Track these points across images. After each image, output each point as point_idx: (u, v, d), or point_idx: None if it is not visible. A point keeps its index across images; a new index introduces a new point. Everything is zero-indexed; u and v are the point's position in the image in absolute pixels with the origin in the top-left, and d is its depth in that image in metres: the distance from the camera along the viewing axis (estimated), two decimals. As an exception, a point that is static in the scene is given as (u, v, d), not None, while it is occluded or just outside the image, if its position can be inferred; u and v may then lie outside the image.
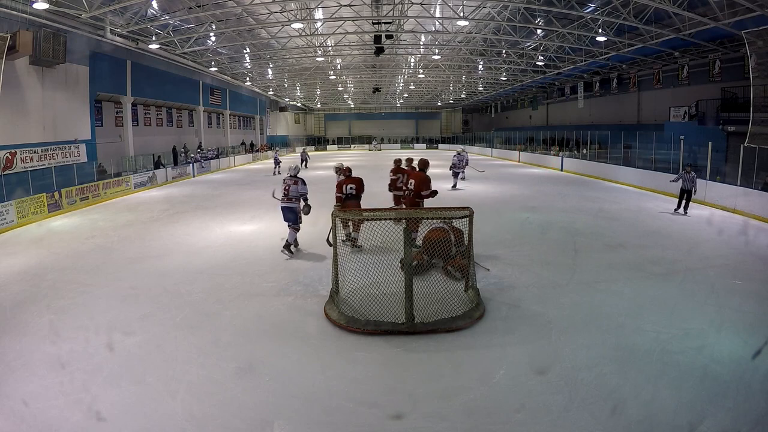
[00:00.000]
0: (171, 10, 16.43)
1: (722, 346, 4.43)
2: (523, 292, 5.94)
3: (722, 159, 13.62)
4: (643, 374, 3.95)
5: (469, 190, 15.66)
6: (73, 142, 16.17)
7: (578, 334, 4.74)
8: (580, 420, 3.35)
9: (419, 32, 20.31)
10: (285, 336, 4.85)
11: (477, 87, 36.96)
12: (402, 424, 3.41)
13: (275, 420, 3.46)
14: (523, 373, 4.01)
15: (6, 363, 4.28)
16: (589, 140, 23.06)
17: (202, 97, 28.19)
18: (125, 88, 20.03)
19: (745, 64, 15.63)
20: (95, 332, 4.86)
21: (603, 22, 16.71)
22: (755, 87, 14.01)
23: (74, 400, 3.69)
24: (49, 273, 7.13)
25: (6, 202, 10.90)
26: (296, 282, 6.46)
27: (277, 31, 19.80)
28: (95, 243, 9.22)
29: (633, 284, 6.19)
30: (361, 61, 28.60)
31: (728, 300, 5.56)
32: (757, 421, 3.34)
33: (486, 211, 10.68)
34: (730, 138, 15.53)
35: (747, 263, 7.14)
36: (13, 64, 13.24)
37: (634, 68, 24.49)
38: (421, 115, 53.51)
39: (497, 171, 23.33)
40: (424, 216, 5.91)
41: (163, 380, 3.98)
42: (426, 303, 5.02)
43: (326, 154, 45.28)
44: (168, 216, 11.99)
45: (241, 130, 36.56)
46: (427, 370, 4.13)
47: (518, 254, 7.74)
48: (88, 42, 15.99)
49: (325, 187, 11.15)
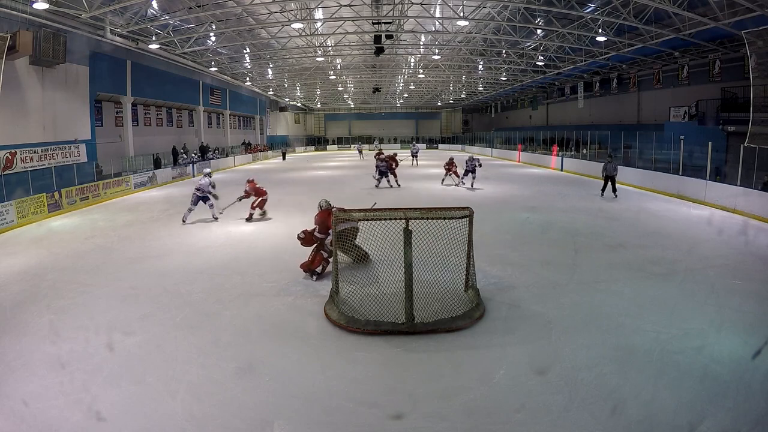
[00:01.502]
0: (171, 10, 16.44)
1: (722, 346, 4.43)
2: (523, 292, 5.94)
3: (722, 159, 13.62)
4: (643, 374, 3.95)
5: (469, 191, 15.67)
6: (73, 142, 16.17)
7: (578, 334, 4.74)
8: (580, 420, 3.35)
9: (419, 32, 20.31)
10: (285, 336, 4.85)
11: (477, 87, 36.96)
12: (402, 424, 3.41)
13: (275, 420, 3.46)
14: (523, 373, 4.01)
15: (6, 363, 4.28)
16: (589, 140, 23.05)
17: (202, 97, 28.19)
18: (125, 88, 20.04)
19: (745, 64, 15.62)
20: (95, 332, 4.86)
21: (603, 22, 16.71)
22: (755, 87, 14.00)
23: (74, 400, 3.69)
24: (49, 273, 7.13)
25: (6, 202, 10.90)
26: (296, 282, 6.46)
27: (277, 31, 19.80)
28: (95, 243, 9.22)
29: (633, 284, 6.19)
30: (361, 61, 28.61)
31: (728, 300, 5.56)
32: (757, 421, 3.34)
33: (486, 211, 10.68)
34: (730, 138, 15.53)
35: (747, 263, 7.14)
36: (13, 64, 13.25)
37: (634, 68, 24.48)
38: (421, 115, 53.50)
39: (497, 171, 23.31)
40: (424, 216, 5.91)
41: (163, 380, 3.98)
42: (426, 303, 5.02)
43: (326, 154, 45.29)
44: (168, 216, 11.99)
45: (241, 130, 36.57)
46: (427, 370, 4.13)
47: (518, 254, 7.74)
48: (88, 42, 15.99)
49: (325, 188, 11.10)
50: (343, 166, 28.48)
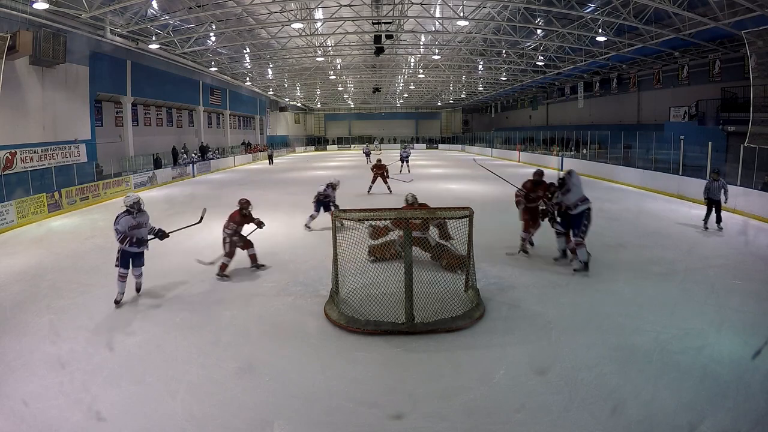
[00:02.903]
0: (171, 10, 16.43)
1: (722, 346, 4.43)
2: (523, 292, 5.94)
3: (722, 159, 13.61)
4: (643, 374, 3.94)
5: (469, 190, 15.65)
6: (73, 142, 16.17)
7: (578, 334, 4.74)
8: (580, 420, 3.35)
9: (419, 32, 20.31)
10: (285, 336, 4.85)
11: (477, 87, 36.96)
12: (402, 424, 3.41)
13: (275, 420, 3.46)
14: (523, 373, 4.01)
15: (6, 363, 4.28)
16: (589, 140, 23.05)
17: (202, 97, 28.19)
18: (125, 88, 20.04)
19: (745, 64, 15.63)
20: (95, 332, 4.86)
21: (603, 22, 16.71)
22: (755, 87, 14.01)
23: (74, 400, 3.69)
24: (49, 273, 7.13)
25: (6, 202, 10.90)
26: (296, 282, 6.46)
27: (277, 31, 19.80)
28: (95, 243, 9.21)
29: (633, 284, 6.18)
30: (361, 61, 28.60)
31: (728, 300, 5.56)
32: (757, 421, 3.34)
33: (486, 211, 10.67)
34: (730, 138, 15.53)
35: (747, 263, 7.14)
36: (13, 64, 13.24)
37: (634, 68, 24.48)
38: (421, 115, 53.50)
39: (498, 171, 23.27)
40: (424, 216, 5.91)
41: (163, 380, 3.98)
42: (426, 303, 5.02)
43: (326, 154, 45.29)
44: (168, 216, 11.96)
45: (241, 130, 36.56)
46: (427, 370, 4.13)
47: (518, 254, 7.74)
48: (88, 42, 15.99)
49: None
50: (344, 166, 28.46)
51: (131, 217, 5.73)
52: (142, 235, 5.79)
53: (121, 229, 5.61)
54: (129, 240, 5.62)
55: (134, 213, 5.74)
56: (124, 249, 5.65)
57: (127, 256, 5.69)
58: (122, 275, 5.68)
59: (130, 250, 5.68)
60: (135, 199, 5.79)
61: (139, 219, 5.79)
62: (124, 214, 5.72)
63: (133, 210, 5.74)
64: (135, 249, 5.73)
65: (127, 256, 5.69)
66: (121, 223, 5.64)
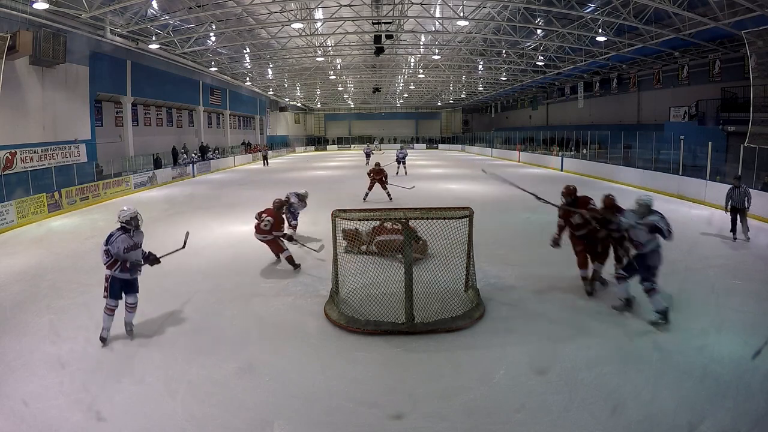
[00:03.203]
0: (171, 10, 16.43)
1: (722, 346, 4.43)
2: (523, 292, 5.94)
3: (722, 159, 13.61)
4: (643, 374, 3.95)
5: (469, 190, 15.66)
6: (73, 142, 16.16)
7: (578, 334, 4.74)
8: (580, 420, 3.35)
9: (419, 32, 20.31)
10: (285, 336, 4.85)
11: (477, 87, 36.95)
12: (402, 424, 3.41)
13: (275, 420, 3.46)
14: (523, 373, 4.01)
15: (6, 363, 4.28)
16: (589, 140, 23.06)
17: (202, 97, 28.19)
18: (125, 88, 20.03)
19: (745, 64, 15.62)
20: (95, 332, 4.85)
21: (603, 22, 16.70)
22: (755, 87, 14.01)
23: (74, 400, 3.69)
24: (49, 273, 7.13)
25: (6, 202, 10.90)
26: (296, 282, 6.46)
27: (277, 31, 19.80)
28: (95, 243, 9.17)
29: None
30: (361, 61, 28.60)
31: (728, 300, 5.56)
32: (757, 421, 3.34)
33: (486, 211, 10.67)
34: (730, 138, 15.53)
35: (747, 263, 7.14)
36: (13, 64, 13.24)
37: (634, 68, 24.48)
38: (421, 115, 53.49)
39: (497, 171, 23.27)
40: (424, 216, 5.90)
41: (163, 380, 3.98)
42: (426, 303, 5.02)
43: (326, 154, 45.29)
44: (168, 216, 11.98)
45: (241, 130, 36.55)
46: (427, 370, 4.13)
47: (518, 254, 7.74)
48: (88, 42, 15.99)
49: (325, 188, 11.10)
50: (344, 166, 28.47)
51: (128, 236, 4.68)
52: (137, 258, 4.78)
53: (114, 251, 4.57)
54: (121, 265, 4.59)
55: (131, 231, 4.72)
56: (113, 275, 4.58)
57: (117, 284, 4.62)
58: (111, 308, 4.60)
59: (121, 277, 4.62)
60: (132, 214, 4.72)
61: (136, 239, 4.78)
62: (119, 232, 4.65)
63: (130, 227, 4.69)
64: (127, 276, 4.66)
65: (117, 285, 4.62)
66: (117, 243, 4.59)
